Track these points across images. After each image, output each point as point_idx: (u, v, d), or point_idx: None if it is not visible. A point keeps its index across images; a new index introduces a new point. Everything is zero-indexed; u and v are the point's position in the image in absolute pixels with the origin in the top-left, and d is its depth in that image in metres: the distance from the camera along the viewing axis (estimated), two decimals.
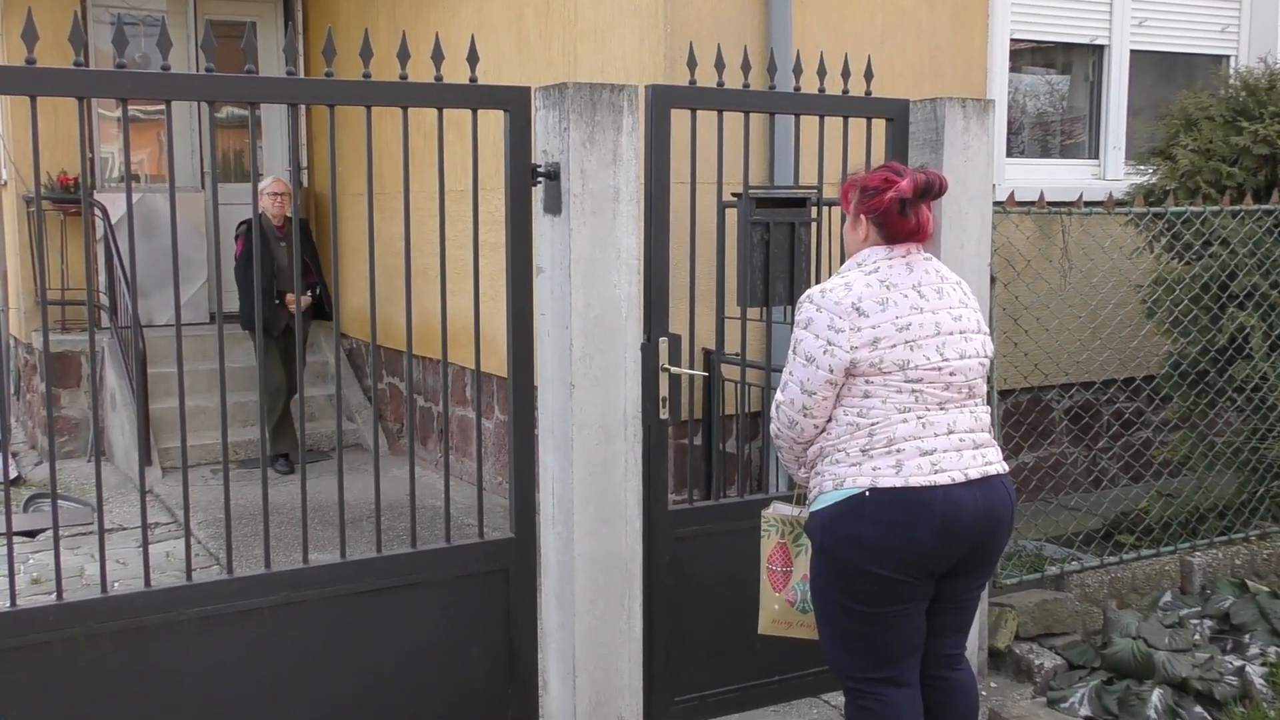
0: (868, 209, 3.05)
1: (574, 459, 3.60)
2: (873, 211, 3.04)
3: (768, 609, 3.43)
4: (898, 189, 3.00)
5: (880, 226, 3.04)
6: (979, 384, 3.07)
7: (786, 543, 3.38)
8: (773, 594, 3.41)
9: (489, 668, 3.67)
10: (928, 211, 3.06)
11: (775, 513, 3.41)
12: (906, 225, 3.02)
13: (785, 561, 3.39)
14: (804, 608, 3.34)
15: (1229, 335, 5.02)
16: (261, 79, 3.17)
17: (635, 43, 5.47)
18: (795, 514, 3.35)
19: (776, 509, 3.42)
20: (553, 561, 3.73)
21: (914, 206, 3.01)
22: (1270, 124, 5.08)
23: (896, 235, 3.03)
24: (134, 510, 6.96)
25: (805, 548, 3.29)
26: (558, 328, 3.61)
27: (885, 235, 3.04)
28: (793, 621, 3.40)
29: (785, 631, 3.43)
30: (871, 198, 3.04)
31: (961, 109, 4.12)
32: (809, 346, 2.97)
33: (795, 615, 3.38)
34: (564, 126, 3.50)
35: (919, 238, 3.06)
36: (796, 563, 3.36)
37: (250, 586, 3.28)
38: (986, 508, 2.98)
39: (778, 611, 3.41)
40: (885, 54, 5.71)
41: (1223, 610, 4.63)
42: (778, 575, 3.41)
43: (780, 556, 3.39)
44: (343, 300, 8.97)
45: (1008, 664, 4.45)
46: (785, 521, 3.38)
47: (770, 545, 3.41)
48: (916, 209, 3.01)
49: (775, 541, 3.40)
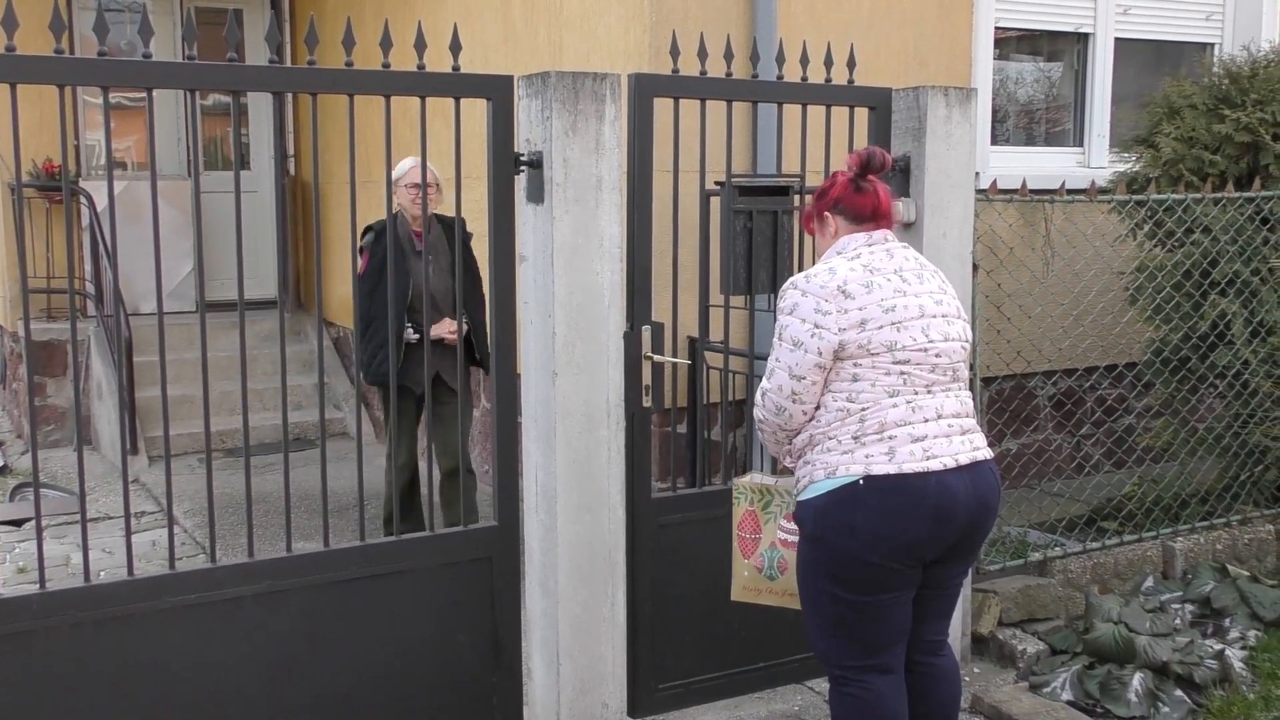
0: (827, 204, 3.17)
1: (557, 447, 3.61)
2: (831, 202, 3.15)
3: (738, 576, 3.48)
4: (841, 173, 3.16)
5: (844, 212, 3.13)
6: (961, 368, 3.10)
7: (756, 510, 3.42)
8: (742, 560, 3.46)
9: (473, 655, 3.68)
10: (884, 189, 3.15)
11: (747, 481, 3.44)
12: (866, 200, 3.12)
13: (754, 529, 3.43)
14: (771, 575, 3.39)
15: (1210, 322, 5.04)
16: (243, 67, 3.16)
17: (620, 31, 5.47)
18: (769, 482, 3.38)
19: (751, 478, 3.46)
20: (536, 549, 3.74)
21: (865, 181, 3.13)
22: (1252, 112, 5.09)
23: (862, 213, 3.12)
24: (120, 499, 6.94)
25: (774, 515, 3.36)
26: (540, 316, 3.61)
27: (852, 217, 3.13)
28: (761, 589, 3.44)
29: (755, 599, 3.47)
30: (826, 193, 3.18)
31: (944, 97, 4.13)
32: (796, 331, 2.99)
33: (763, 582, 3.42)
34: (546, 115, 3.51)
35: (883, 213, 3.13)
36: (765, 530, 3.40)
37: (234, 575, 3.28)
38: (977, 494, 3.00)
39: (747, 578, 3.46)
40: (870, 42, 5.71)
41: (1204, 595, 4.66)
42: (747, 542, 3.45)
43: (750, 524, 3.44)
44: (328, 288, 8.96)
45: (991, 650, 4.48)
46: (755, 489, 3.41)
47: (740, 512, 3.45)
48: (871, 184, 3.13)
49: (745, 509, 3.44)
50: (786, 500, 3.33)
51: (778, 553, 3.37)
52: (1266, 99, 5.13)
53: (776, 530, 3.36)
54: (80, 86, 3.08)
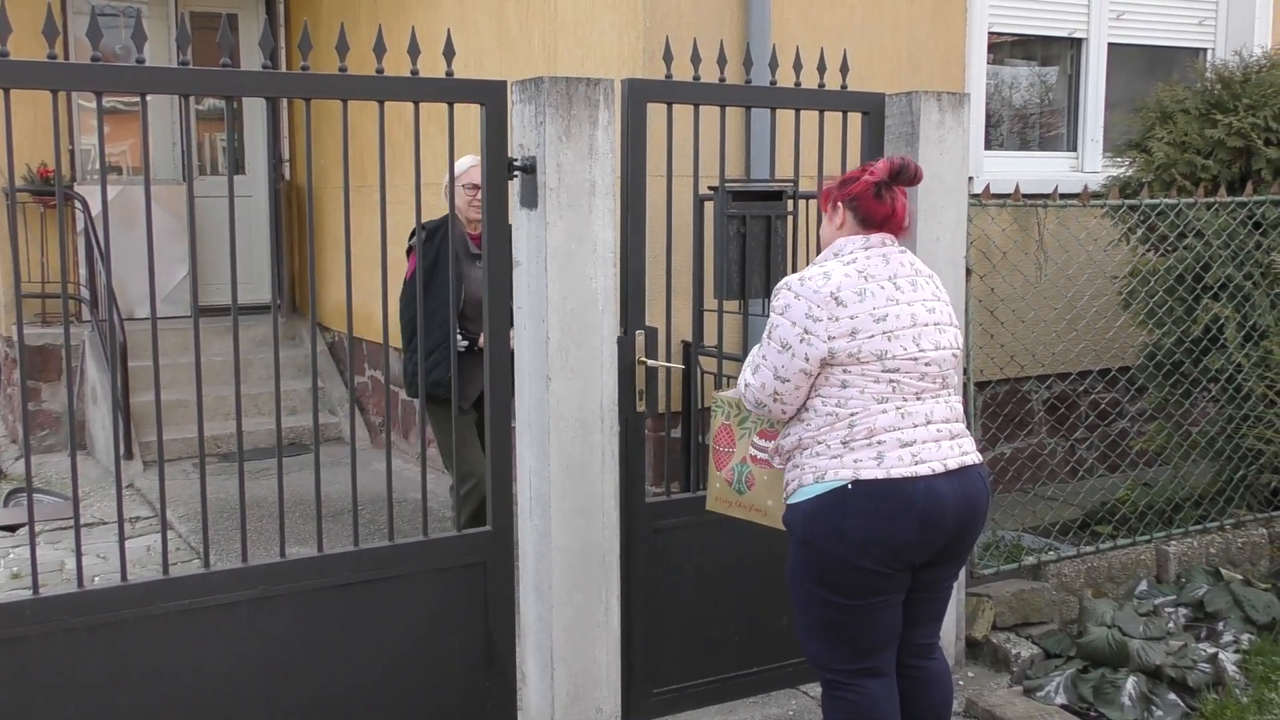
0: (844, 195, 3.13)
1: (551, 452, 3.61)
2: (849, 196, 3.11)
3: (712, 487, 3.50)
4: (872, 172, 3.11)
5: (856, 211, 3.10)
6: (952, 375, 3.11)
7: (731, 424, 3.42)
8: (715, 472, 3.47)
9: (467, 660, 3.68)
10: (904, 199, 3.12)
11: (727, 394, 3.44)
12: (882, 208, 3.08)
13: (729, 442, 3.43)
14: (739, 489, 3.40)
15: (1203, 326, 5.06)
16: (237, 73, 3.18)
17: (614, 36, 5.48)
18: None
19: (732, 392, 3.45)
20: (530, 554, 3.74)
21: (889, 190, 3.08)
22: (1244, 117, 5.11)
23: (872, 219, 3.08)
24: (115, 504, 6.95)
25: (748, 431, 3.35)
26: (534, 321, 3.62)
27: (861, 219, 3.10)
28: (731, 501, 3.45)
29: (726, 510, 3.48)
30: (849, 184, 3.13)
31: (937, 102, 4.14)
32: (785, 333, 3.00)
33: (732, 495, 3.43)
34: (540, 120, 3.51)
35: (893, 224, 3.11)
36: (738, 444, 3.41)
37: (227, 581, 3.28)
38: (965, 498, 3.01)
39: (719, 490, 3.47)
40: (864, 47, 5.73)
41: (1197, 598, 4.67)
42: (721, 455, 3.45)
43: (725, 437, 3.44)
44: (324, 293, 8.97)
45: (985, 654, 4.49)
46: (733, 403, 3.40)
47: (717, 425, 3.46)
48: (892, 193, 3.09)
49: (721, 421, 3.44)
50: (763, 417, 3.34)
51: (747, 468, 3.37)
52: (1258, 104, 5.15)
53: (749, 446, 3.36)
54: (74, 92, 3.08)
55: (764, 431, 3.31)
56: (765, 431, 3.30)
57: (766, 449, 3.27)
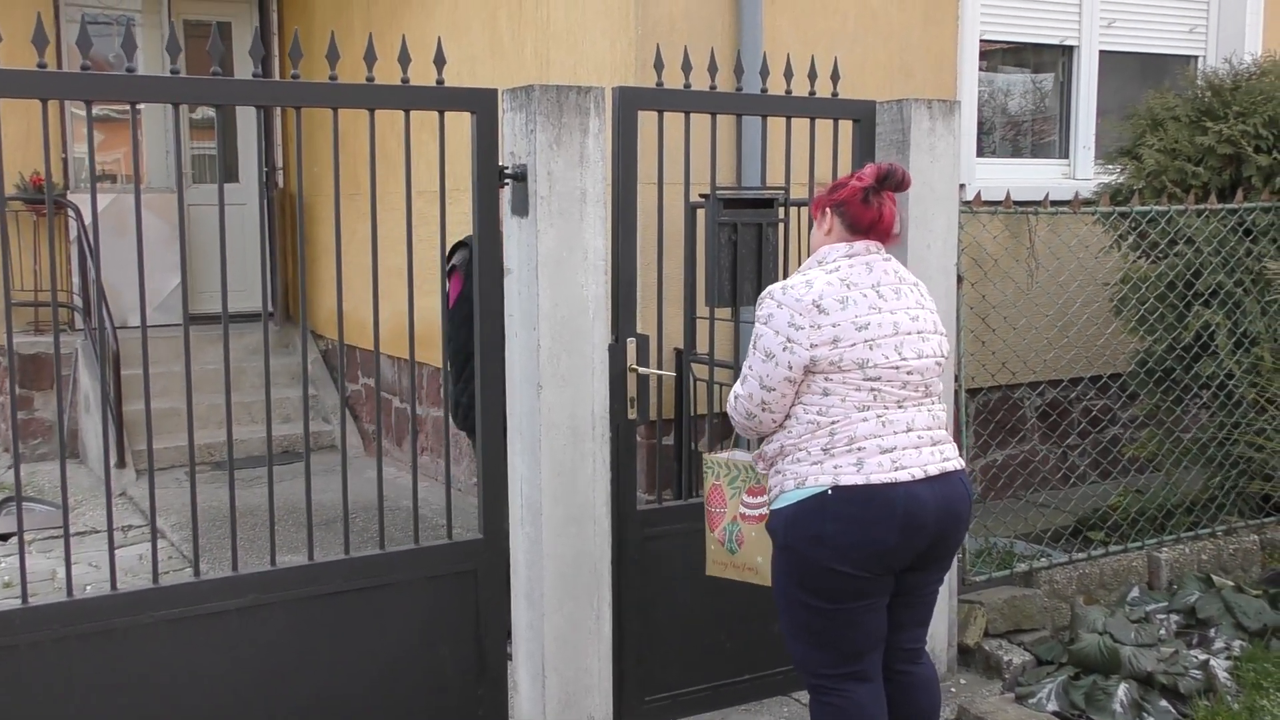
0: (832, 201, 3.14)
1: (542, 459, 3.61)
2: (837, 202, 3.12)
3: (709, 550, 3.52)
4: (860, 178, 3.12)
5: (844, 216, 3.11)
6: (935, 383, 3.12)
7: (722, 484, 3.45)
8: (710, 534, 3.50)
9: (459, 668, 3.68)
10: (891, 205, 3.13)
11: (718, 456, 3.47)
12: (869, 213, 3.09)
13: (720, 502, 3.46)
14: (731, 548, 3.42)
15: (1194, 333, 5.07)
16: (227, 81, 3.17)
17: (607, 45, 5.49)
18: (739, 458, 3.41)
19: (728, 454, 3.48)
20: (522, 562, 3.74)
21: (876, 195, 3.09)
22: (1234, 124, 5.12)
23: (859, 224, 3.09)
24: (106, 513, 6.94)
25: (738, 490, 3.38)
26: (525, 328, 3.62)
27: (849, 225, 3.11)
28: (725, 562, 3.47)
29: (723, 573, 3.49)
30: (838, 190, 3.15)
31: (928, 110, 4.15)
32: (769, 342, 3.01)
33: (726, 555, 3.45)
34: (531, 128, 3.52)
35: (880, 230, 3.12)
36: (729, 504, 3.44)
37: (218, 589, 3.28)
38: (946, 503, 3.02)
39: (713, 552, 3.49)
40: (856, 55, 5.74)
41: (1189, 605, 4.68)
42: (714, 516, 3.48)
43: (717, 497, 3.47)
44: (318, 301, 8.97)
45: (977, 660, 4.49)
46: (723, 464, 3.44)
47: (708, 486, 3.48)
48: (880, 199, 3.09)
49: (712, 483, 3.47)
50: (752, 474, 3.36)
51: (737, 526, 3.41)
52: (1248, 111, 5.16)
53: (739, 504, 3.39)
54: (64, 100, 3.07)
55: (753, 489, 3.35)
56: (754, 489, 3.35)
57: (756, 505, 3.30)
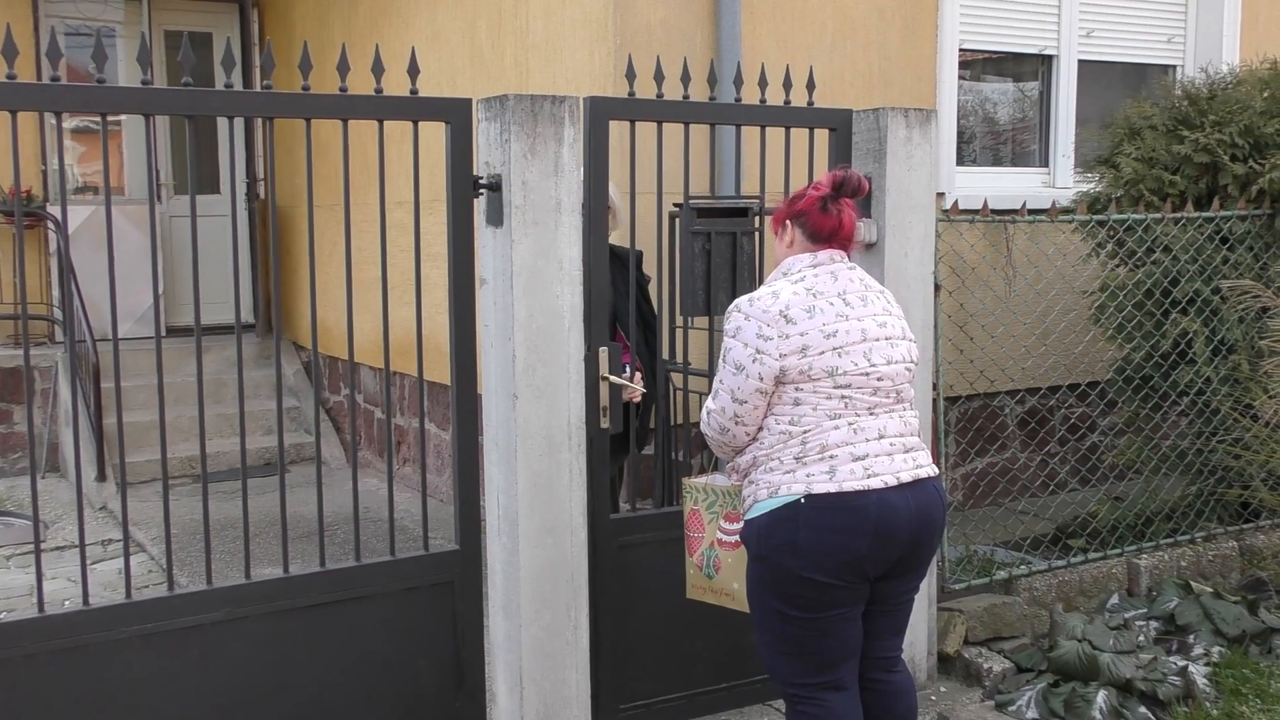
0: (792, 213, 3.17)
1: (518, 470, 3.60)
2: (796, 213, 3.15)
3: (688, 574, 3.51)
4: (816, 187, 3.15)
5: (804, 227, 3.13)
6: (906, 389, 3.12)
7: (700, 509, 3.45)
8: (689, 558, 3.49)
9: (436, 680, 3.66)
10: (851, 212, 3.15)
11: (696, 481, 3.47)
12: (829, 221, 3.11)
13: (699, 527, 3.47)
14: (709, 573, 3.42)
15: (1172, 340, 5.08)
16: (196, 91, 3.16)
17: (586, 54, 5.49)
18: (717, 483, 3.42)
19: (705, 478, 3.49)
20: (499, 573, 3.73)
21: (835, 204, 3.12)
22: (1210, 133, 5.14)
23: (820, 233, 3.12)
24: (89, 528, 6.91)
25: (716, 515, 3.38)
26: (500, 339, 3.61)
27: (809, 234, 3.13)
28: (704, 587, 3.47)
29: (702, 597, 3.49)
30: (796, 202, 3.17)
31: (904, 119, 4.16)
32: (739, 355, 3.02)
33: (704, 580, 3.45)
34: (505, 138, 3.51)
35: (842, 238, 3.13)
36: (707, 529, 3.44)
37: (191, 603, 3.26)
38: (919, 510, 3.02)
39: (692, 576, 3.49)
40: (835, 64, 5.76)
41: (1168, 611, 4.68)
42: (693, 540, 3.48)
43: (695, 522, 3.47)
44: (300, 312, 8.94)
45: (957, 668, 4.48)
46: (702, 489, 3.44)
47: (687, 511, 3.48)
48: (838, 206, 3.12)
49: (690, 508, 3.47)
50: (730, 500, 3.36)
51: (715, 552, 3.41)
52: (1224, 120, 5.19)
53: (717, 530, 3.39)
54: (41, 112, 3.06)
55: (730, 515, 3.36)
56: (731, 515, 3.35)
57: (733, 531, 3.30)
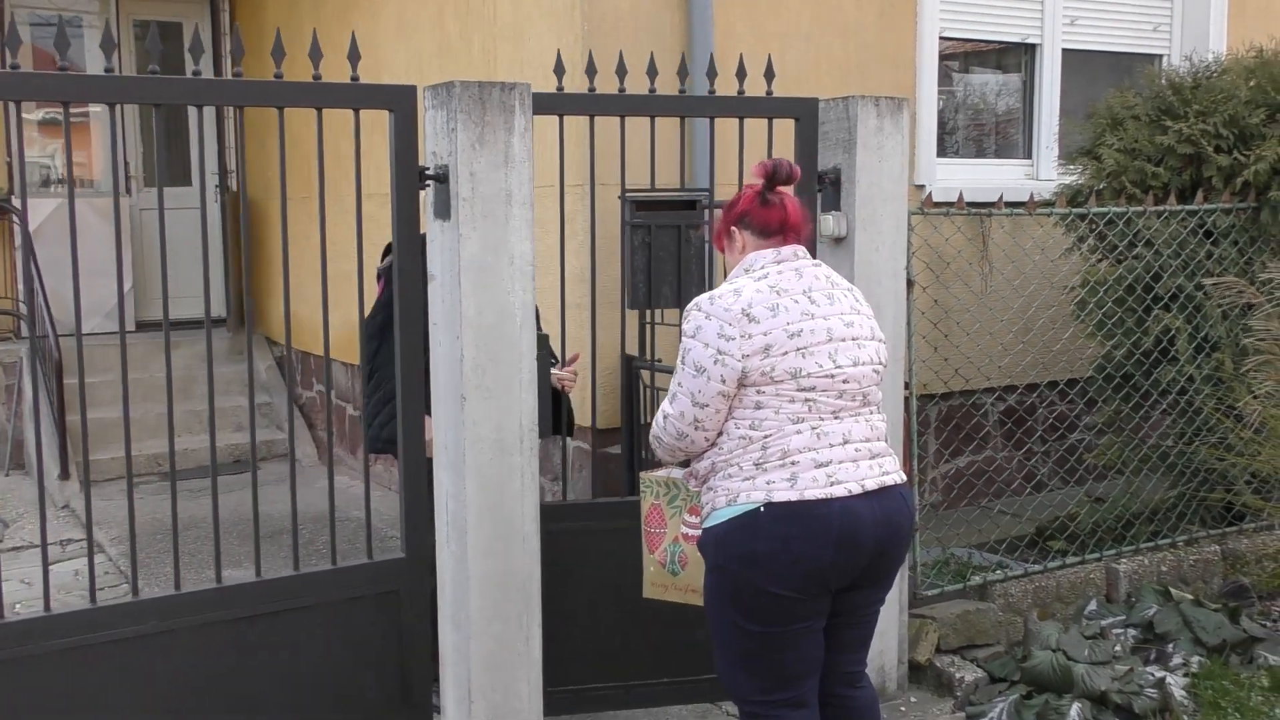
0: (734, 217, 3.03)
1: (467, 474, 3.45)
2: (737, 217, 3.02)
3: (647, 571, 3.37)
4: (749, 185, 3.02)
5: (750, 227, 3.00)
6: (873, 391, 2.96)
7: (661, 504, 3.30)
8: (649, 555, 3.34)
9: (381, 693, 3.51)
10: (793, 200, 3.02)
11: (654, 474, 3.32)
12: (773, 213, 2.97)
13: (660, 523, 3.31)
14: (673, 570, 3.28)
15: (1154, 338, 4.93)
16: (119, 78, 3.01)
17: (553, 41, 5.32)
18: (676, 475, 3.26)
19: (661, 471, 3.33)
20: (448, 582, 3.58)
21: (773, 194, 2.99)
22: (1194, 123, 4.98)
23: (769, 226, 2.98)
24: (50, 527, 6.75)
25: (679, 509, 3.24)
26: (448, 338, 3.46)
27: (759, 231, 2.99)
28: (667, 584, 3.32)
29: (663, 595, 3.34)
30: (733, 206, 3.04)
31: (875, 107, 4.00)
32: (699, 356, 2.85)
33: (667, 577, 3.30)
34: (452, 127, 3.36)
35: (793, 227, 2.99)
36: (669, 524, 3.29)
37: (114, 616, 3.10)
38: (884, 519, 2.87)
39: (653, 574, 3.34)
40: (810, 53, 5.60)
41: (1146, 619, 4.53)
42: (653, 536, 3.32)
43: (655, 518, 3.32)
44: (274, 307, 8.78)
45: (928, 678, 4.33)
46: (661, 483, 3.28)
47: (646, 506, 3.33)
48: (778, 196, 2.99)
49: (650, 503, 3.32)
50: (692, 494, 3.20)
51: (679, 547, 3.26)
52: (1209, 110, 5.02)
53: (680, 524, 3.23)
54: None
55: (694, 508, 3.20)
56: (695, 508, 3.19)
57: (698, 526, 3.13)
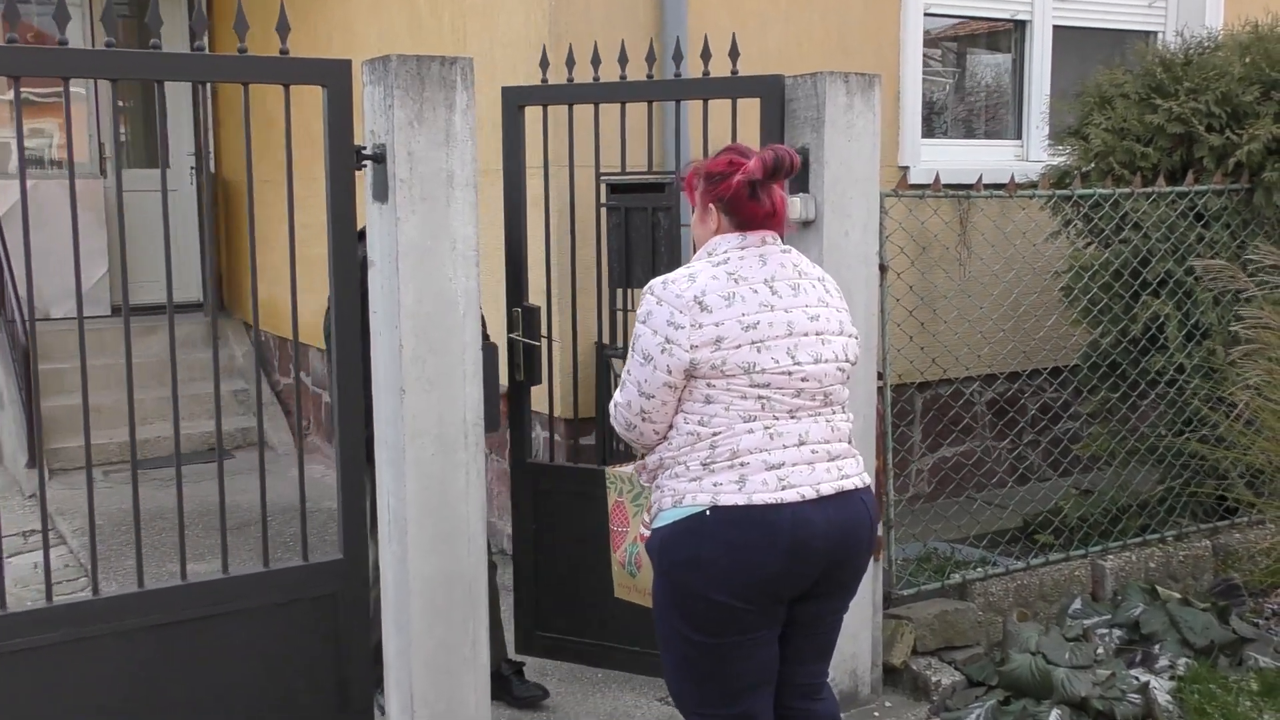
0: (715, 196, 2.75)
1: (407, 471, 3.27)
2: (720, 198, 2.74)
3: (613, 571, 3.19)
4: (745, 170, 2.70)
5: (731, 214, 2.74)
6: (837, 390, 2.76)
7: (625, 501, 3.11)
8: (612, 555, 3.16)
9: (317, 702, 3.33)
10: (782, 193, 2.76)
11: (620, 470, 3.14)
12: (760, 209, 2.72)
13: (623, 521, 3.14)
14: (631, 571, 3.09)
15: (1143, 324, 4.73)
16: (28, 49, 2.81)
17: (522, 17, 5.13)
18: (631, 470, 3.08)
19: (627, 466, 3.14)
20: (390, 583, 3.40)
21: (765, 188, 2.72)
22: (1185, 101, 4.76)
23: (750, 221, 2.73)
24: (14, 517, 6.60)
25: (641, 507, 3.04)
26: (387, 326, 3.28)
27: (737, 223, 2.74)
28: (629, 586, 3.14)
29: (629, 596, 3.17)
30: (718, 183, 2.74)
31: (844, 84, 3.80)
32: (647, 343, 2.66)
33: (628, 579, 3.12)
34: (389, 103, 3.16)
35: (774, 223, 2.76)
36: (632, 523, 3.10)
37: (23, 623, 2.91)
38: (840, 526, 2.67)
39: (617, 574, 3.16)
40: (790, 33, 5.40)
41: (1132, 619, 4.34)
42: (616, 535, 3.15)
43: (619, 516, 3.14)
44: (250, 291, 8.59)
45: (904, 681, 4.15)
46: (626, 479, 3.11)
47: (611, 502, 3.15)
48: (769, 190, 2.72)
49: (614, 499, 3.14)
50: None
51: (636, 548, 3.07)
52: (1200, 88, 4.80)
53: (640, 525, 3.04)
54: None
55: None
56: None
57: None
